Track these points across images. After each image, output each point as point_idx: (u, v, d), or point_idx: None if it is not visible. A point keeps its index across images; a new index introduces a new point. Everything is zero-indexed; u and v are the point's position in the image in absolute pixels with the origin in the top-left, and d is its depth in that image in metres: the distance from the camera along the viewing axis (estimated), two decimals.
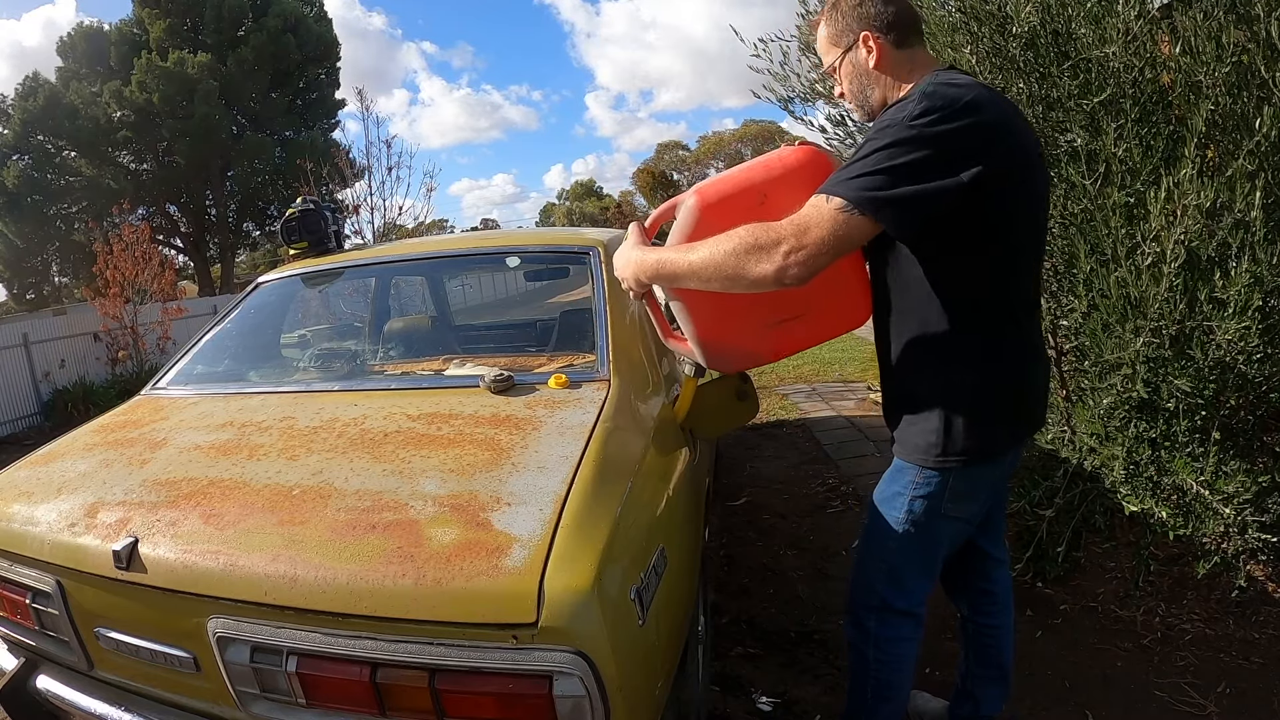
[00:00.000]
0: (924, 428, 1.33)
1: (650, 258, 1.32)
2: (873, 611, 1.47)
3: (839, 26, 1.37)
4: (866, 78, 1.36)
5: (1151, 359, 2.08)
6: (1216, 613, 2.17)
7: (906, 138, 1.12)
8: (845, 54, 1.36)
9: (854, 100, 1.41)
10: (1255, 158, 1.84)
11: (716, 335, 1.44)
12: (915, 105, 1.14)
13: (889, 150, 1.13)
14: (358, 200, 9.73)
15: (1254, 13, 1.79)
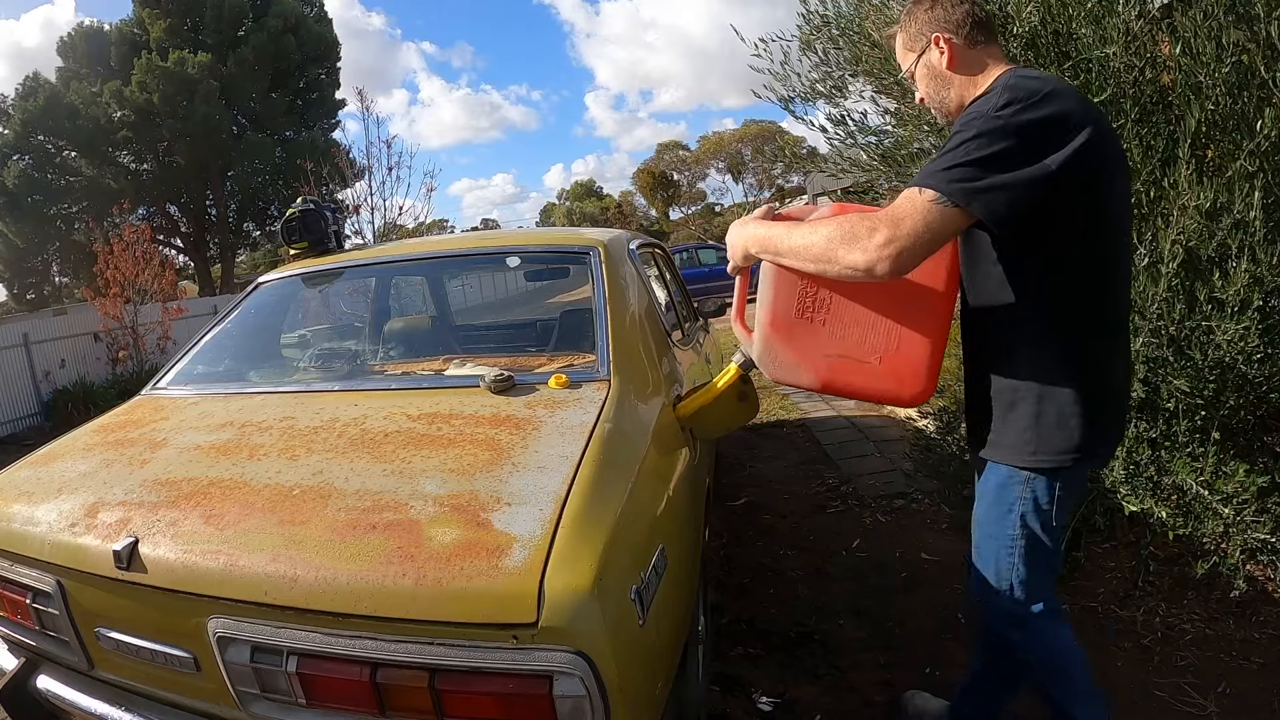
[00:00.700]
0: (1026, 427, 1.31)
1: (760, 230, 1.38)
2: (1013, 627, 1.45)
3: (912, 31, 1.42)
4: (941, 79, 1.39)
5: (1151, 359, 2.08)
6: (1216, 613, 2.17)
7: (993, 128, 1.14)
8: (919, 57, 1.41)
9: (932, 102, 1.44)
10: (1255, 158, 1.84)
11: (783, 335, 1.43)
12: (998, 97, 1.17)
13: (976, 141, 1.14)
14: (358, 200, 9.73)
15: (1254, 13, 1.79)
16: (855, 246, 1.17)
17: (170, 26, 22.40)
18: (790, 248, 1.30)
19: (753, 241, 1.39)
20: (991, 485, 1.41)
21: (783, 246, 1.31)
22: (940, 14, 1.38)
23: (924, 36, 1.39)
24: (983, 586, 1.47)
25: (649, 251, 2.81)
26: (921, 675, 2.07)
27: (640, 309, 2.00)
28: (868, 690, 2.04)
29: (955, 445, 2.80)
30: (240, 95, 22.91)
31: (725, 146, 39.06)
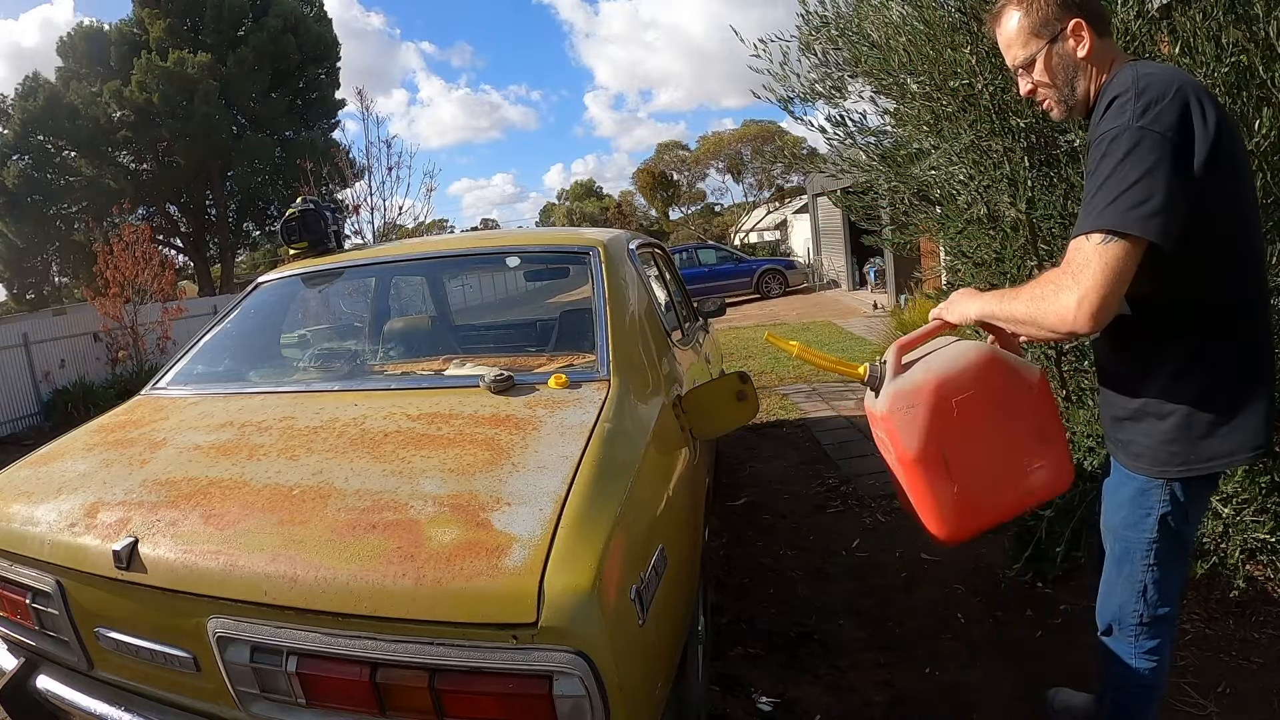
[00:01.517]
0: (1169, 437, 1.27)
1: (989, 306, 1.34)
2: (1132, 628, 1.44)
3: (1041, 15, 1.29)
4: (1074, 69, 1.30)
5: None
6: (1216, 613, 2.17)
7: (1140, 142, 1.10)
8: (1049, 45, 1.30)
9: (1057, 95, 1.34)
10: (1254, 158, 1.84)
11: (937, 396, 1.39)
12: (1134, 103, 1.13)
13: (1129, 161, 1.10)
14: (358, 200, 9.70)
15: (1253, 12, 1.79)
16: (1050, 312, 1.16)
17: (170, 26, 22.40)
18: (1008, 315, 1.28)
19: (979, 312, 1.36)
20: (1129, 492, 1.37)
21: (1001, 313, 1.30)
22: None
23: (1058, 22, 1.28)
24: (1109, 589, 1.46)
25: (649, 251, 2.81)
26: (921, 675, 2.07)
27: (640, 309, 2.00)
28: (868, 690, 2.04)
29: None
30: (240, 95, 22.90)
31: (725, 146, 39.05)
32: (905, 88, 2.58)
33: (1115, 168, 1.11)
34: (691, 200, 42.83)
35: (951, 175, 2.51)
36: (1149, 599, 1.40)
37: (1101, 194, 1.12)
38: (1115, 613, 1.47)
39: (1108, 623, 1.50)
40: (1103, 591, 1.50)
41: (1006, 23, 1.35)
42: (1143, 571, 1.39)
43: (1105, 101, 1.21)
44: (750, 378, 1.78)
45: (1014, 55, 1.36)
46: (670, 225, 40.43)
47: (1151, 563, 1.37)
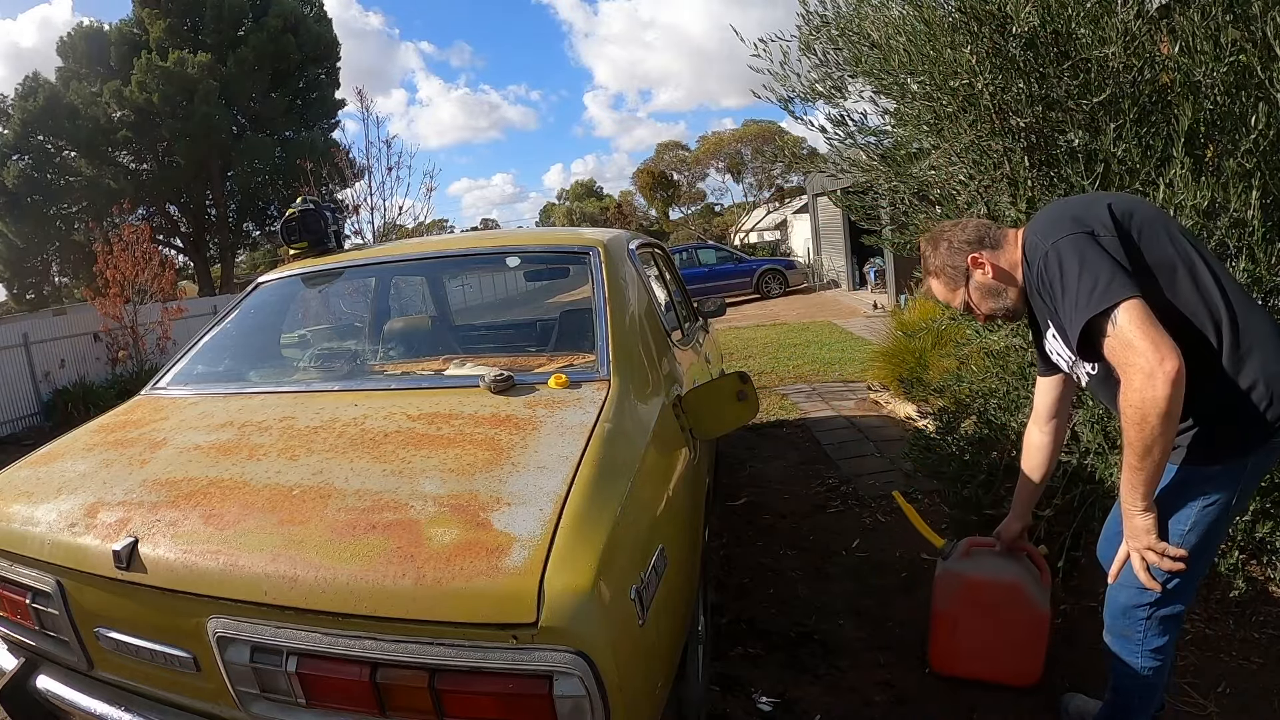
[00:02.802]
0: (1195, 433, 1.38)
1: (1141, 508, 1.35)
2: (1142, 622, 1.49)
3: (950, 271, 1.56)
4: (994, 289, 1.54)
5: None
6: (1216, 613, 2.17)
7: (1064, 249, 1.34)
8: (967, 285, 1.55)
9: (998, 312, 1.57)
10: (1252, 157, 1.84)
11: None
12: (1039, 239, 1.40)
13: (1079, 260, 1.31)
14: (358, 200, 9.72)
15: (1251, 12, 1.79)
16: (1146, 408, 1.22)
17: (170, 26, 22.39)
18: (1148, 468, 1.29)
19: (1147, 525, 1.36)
20: (1165, 485, 1.42)
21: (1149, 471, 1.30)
22: (957, 241, 1.54)
23: (960, 269, 1.54)
24: (1120, 587, 1.49)
25: (649, 251, 2.81)
26: (921, 675, 2.07)
27: (640, 309, 2.00)
28: (868, 690, 2.04)
29: (955, 445, 2.80)
30: (240, 95, 22.89)
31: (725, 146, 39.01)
32: (905, 88, 2.57)
33: (1077, 269, 1.30)
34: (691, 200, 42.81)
35: (951, 175, 2.51)
36: (1170, 594, 1.44)
37: (1082, 293, 1.29)
38: (1123, 610, 1.50)
39: (1115, 620, 1.53)
40: (1113, 589, 1.52)
41: (935, 290, 1.65)
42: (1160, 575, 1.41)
43: (1030, 261, 1.43)
44: (750, 378, 1.78)
45: (954, 307, 1.65)
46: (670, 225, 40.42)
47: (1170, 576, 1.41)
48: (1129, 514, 1.38)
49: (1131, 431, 1.26)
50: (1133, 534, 1.39)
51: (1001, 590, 1.87)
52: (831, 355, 7.51)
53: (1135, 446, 1.27)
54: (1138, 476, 1.32)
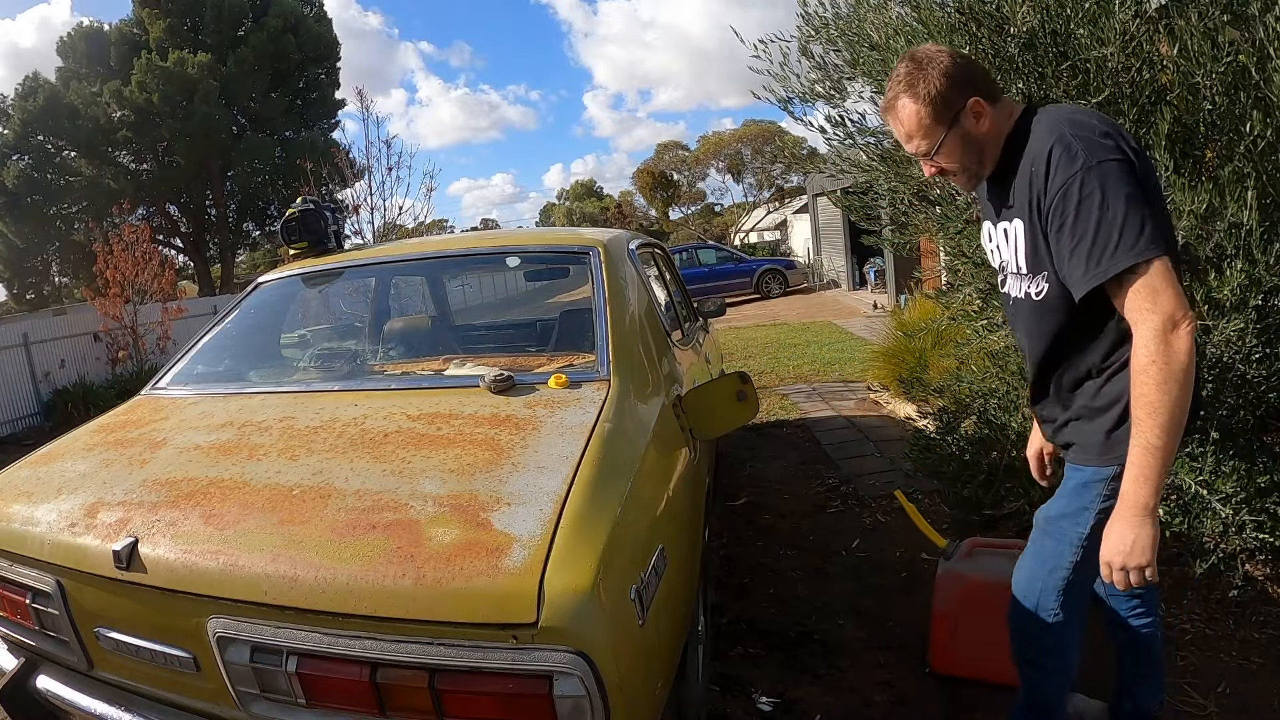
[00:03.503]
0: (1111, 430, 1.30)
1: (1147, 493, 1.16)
2: (1049, 632, 1.44)
3: (938, 102, 1.28)
4: (976, 145, 1.32)
5: None
6: (1216, 613, 2.18)
7: (1108, 174, 1.14)
8: (951, 129, 1.30)
9: (966, 174, 1.36)
10: (1250, 159, 1.84)
11: None
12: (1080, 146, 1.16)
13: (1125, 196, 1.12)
14: (358, 200, 9.73)
15: (1250, 12, 1.79)
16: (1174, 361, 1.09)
17: (170, 26, 22.39)
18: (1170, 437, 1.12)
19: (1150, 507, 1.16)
20: (1070, 485, 1.39)
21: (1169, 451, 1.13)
22: (961, 79, 1.28)
23: (953, 106, 1.28)
24: (1024, 593, 1.47)
25: (649, 251, 2.81)
26: (921, 675, 2.07)
27: (640, 309, 2.00)
28: (868, 690, 2.04)
29: (955, 445, 2.80)
30: (240, 95, 22.89)
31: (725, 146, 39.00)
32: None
33: (1102, 202, 1.13)
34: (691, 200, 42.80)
35: None
36: (1070, 598, 1.42)
37: (1103, 228, 1.13)
38: (1035, 601, 1.47)
39: (1025, 609, 1.49)
40: (1022, 580, 1.49)
41: (902, 114, 1.32)
42: (1069, 566, 1.39)
43: (1042, 157, 1.21)
44: (750, 378, 1.78)
45: (916, 145, 1.34)
46: (670, 225, 40.42)
47: (1078, 560, 1.38)
48: (1131, 515, 1.17)
49: (1153, 394, 1.10)
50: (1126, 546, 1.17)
51: (1002, 590, 1.86)
52: (831, 355, 7.51)
53: (1159, 415, 1.10)
54: (1155, 459, 1.12)
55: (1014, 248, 1.33)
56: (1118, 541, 1.18)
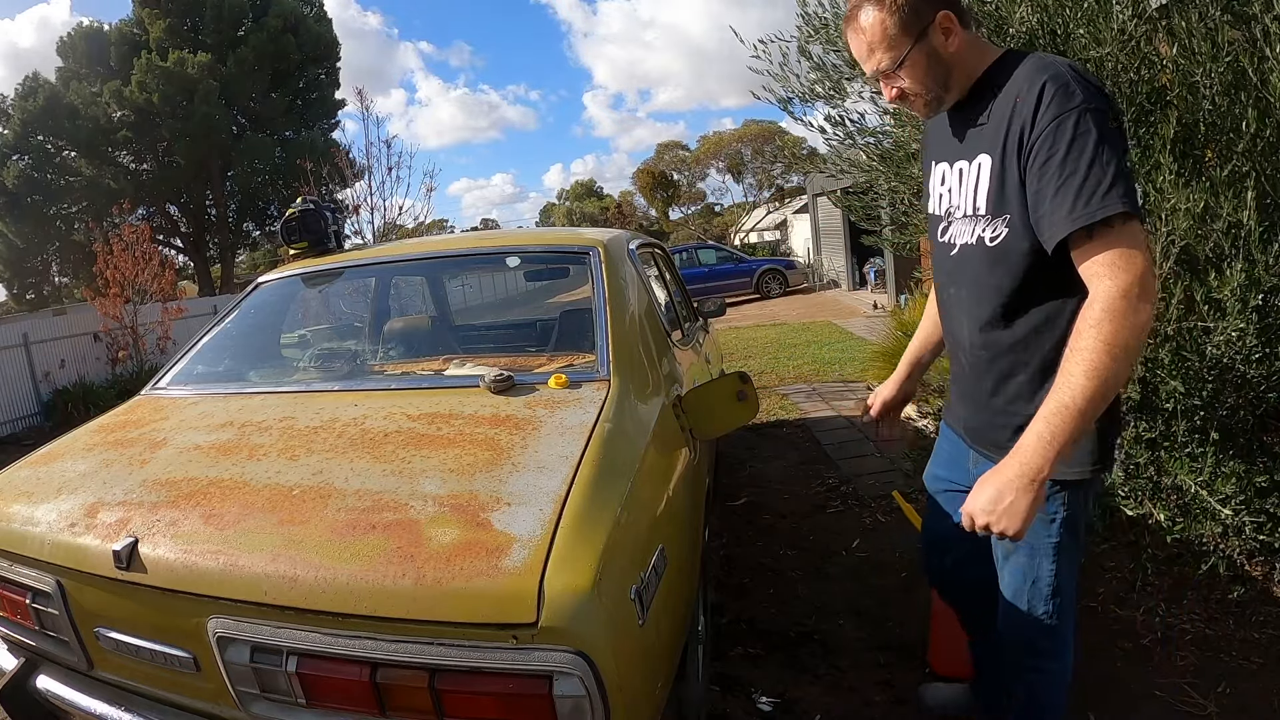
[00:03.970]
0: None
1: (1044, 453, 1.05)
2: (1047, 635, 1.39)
3: (906, 11, 1.18)
4: (942, 66, 1.21)
5: (1149, 360, 2.08)
6: (1216, 613, 2.17)
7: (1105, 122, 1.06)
8: (917, 43, 1.19)
9: (926, 94, 1.24)
10: (1249, 159, 1.84)
11: None
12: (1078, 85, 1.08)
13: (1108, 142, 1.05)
14: (358, 200, 9.72)
15: (1250, 12, 1.79)
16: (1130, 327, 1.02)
17: (170, 26, 22.39)
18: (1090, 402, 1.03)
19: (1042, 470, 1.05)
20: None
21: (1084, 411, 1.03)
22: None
23: (922, 18, 1.18)
24: (1014, 613, 1.41)
25: (649, 251, 2.81)
26: (921, 675, 2.07)
27: (640, 309, 2.00)
28: (868, 690, 2.04)
29: None
30: (240, 95, 22.90)
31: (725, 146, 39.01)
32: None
33: (1090, 146, 1.05)
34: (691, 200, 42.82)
35: None
36: (1061, 609, 1.36)
37: (1087, 175, 1.05)
38: (1026, 613, 1.40)
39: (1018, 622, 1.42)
40: (1008, 595, 1.43)
41: (865, 24, 1.21)
42: (1050, 573, 1.33)
43: (1033, 90, 1.12)
44: (750, 378, 1.78)
45: (878, 60, 1.23)
46: (670, 225, 40.42)
47: (1057, 567, 1.33)
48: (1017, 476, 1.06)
49: (1101, 355, 1.01)
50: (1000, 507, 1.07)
51: None
52: (831, 355, 7.51)
53: (1095, 379, 1.02)
54: (1070, 424, 1.03)
55: (972, 187, 1.23)
56: (989, 500, 1.08)
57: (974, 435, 1.42)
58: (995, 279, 1.22)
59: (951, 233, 1.31)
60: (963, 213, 1.27)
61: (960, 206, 1.28)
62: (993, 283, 1.23)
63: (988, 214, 1.21)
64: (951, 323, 1.40)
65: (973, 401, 1.38)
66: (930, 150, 1.43)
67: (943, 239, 1.35)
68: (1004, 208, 1.18)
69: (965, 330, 1.33)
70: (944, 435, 1.60)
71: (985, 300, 1.26)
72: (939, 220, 1.37)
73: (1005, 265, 1.20)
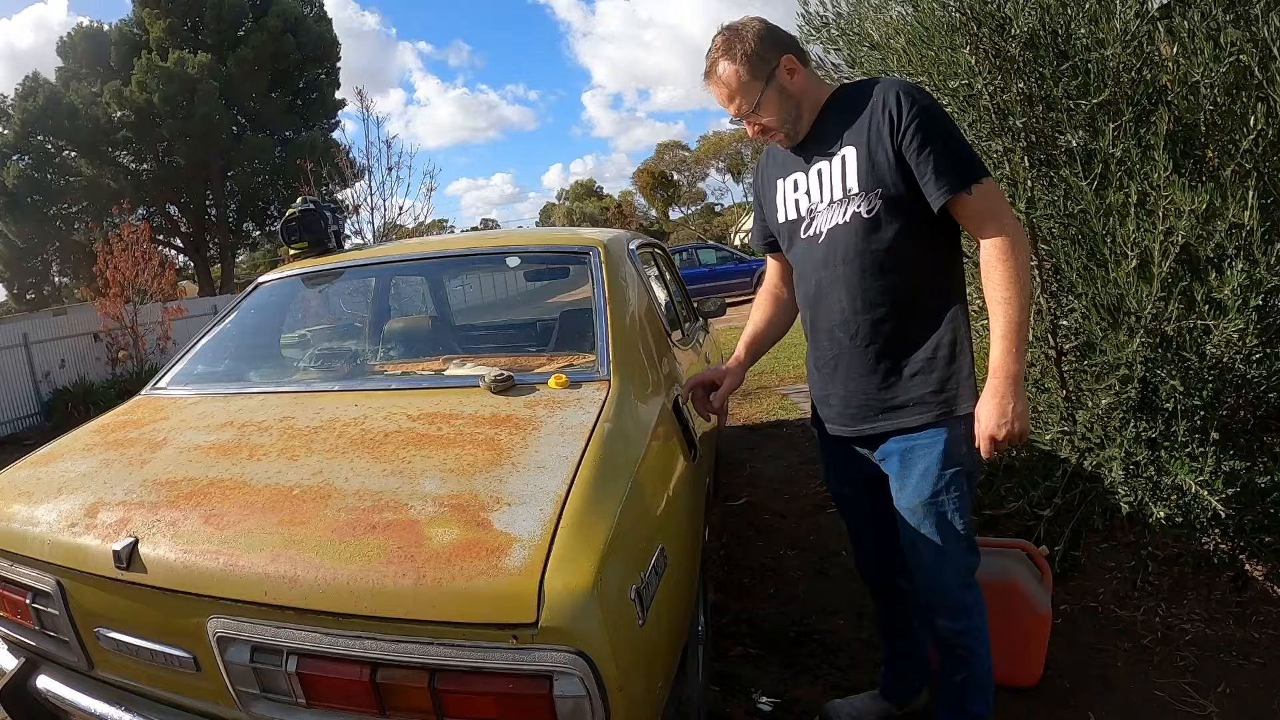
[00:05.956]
0: (964, 378, 1.42)
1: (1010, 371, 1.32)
2: (966, 589, 1.50)
3: (753, 60, 1.41)
4: (792, 100, 1.44)
5: (1149, 359, 2.08)
6: (1216, 613, 2.17)
7: (941, 110, 1.37)
8: (768, 85, 1.42)
9: (783, 125, 1.46)
10: (1251, 158, 1.84)
11: None
12: (916, 90, 1.37)
13: (952, 124, 1.37)
14: (358, 200, 9.74)
15: (1252, 12, 1.79)
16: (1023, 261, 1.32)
17: (170, 26, 22.41)
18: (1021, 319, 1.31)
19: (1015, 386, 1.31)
20: (919, 464, 1.43)
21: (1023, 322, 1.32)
22: (771, 40, 1.42)
23: (768, 63, 1.41)
24: (938, 562, 1.47)
25: (649, 251, 2.81)
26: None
27: (640, 309, 2.00)
28: (867, 690, 2.03)
29: None
30: (240, 95, 22.91)
31: (725, 146, 39.01)
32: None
33: (950, 129, 1.34)
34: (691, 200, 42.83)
35: None
36: (970, 552, 1.48)
37: (954, 145, 1.34)
38: (954, 577, 1.48)
39: (947, 589, 1.50)
40: (930, 574, 1.50)
41: (722, 75, 1.44)
42: (964, 525, 1.44)
43: (890, 94, 1.36)
44: None
45: (738, 105, 1.45)
46: (670, 225, 40.42)
47: (965, 519, 1.44)
48: (1006, 386, 1.30)
49: (1014, 288, 1.30)
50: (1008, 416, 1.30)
51: (1001, 591, 1.87)
52: None
53: (1022, 296, 1.30)
54: (1020, 333, 1.31)
55: (839, 176, 1.42)
56: (998, 413, 1.30)
57: (863, 409, 1.51)
58: (874, 246, 1.42)
59: (816, 225, 1.49)
60: (828, 201, 1.46)
61: (825, 197, 1.46)
62: (872, 248, 1.42)
63: (860, 191, 1.40)
64: (827, 305, 1.51)
65: (858, 375, 1.50)
66: (771, 173, 1.63)
67: (805, 235, 1.52)
68: (876, 182, 1.38)
69: (845, 302, 1.47)
70: (824, 444, 1.69)
71: (866, 267, 1.43)
72: (799, 221, 1.53)
73: (882, 231, 1.40)
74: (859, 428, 1.52)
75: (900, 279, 1.41)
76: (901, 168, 1.35)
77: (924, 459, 1.43)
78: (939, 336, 1.42)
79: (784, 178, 1.57)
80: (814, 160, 1.48)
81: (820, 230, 1.48)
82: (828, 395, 1.58)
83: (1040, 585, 1.90)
